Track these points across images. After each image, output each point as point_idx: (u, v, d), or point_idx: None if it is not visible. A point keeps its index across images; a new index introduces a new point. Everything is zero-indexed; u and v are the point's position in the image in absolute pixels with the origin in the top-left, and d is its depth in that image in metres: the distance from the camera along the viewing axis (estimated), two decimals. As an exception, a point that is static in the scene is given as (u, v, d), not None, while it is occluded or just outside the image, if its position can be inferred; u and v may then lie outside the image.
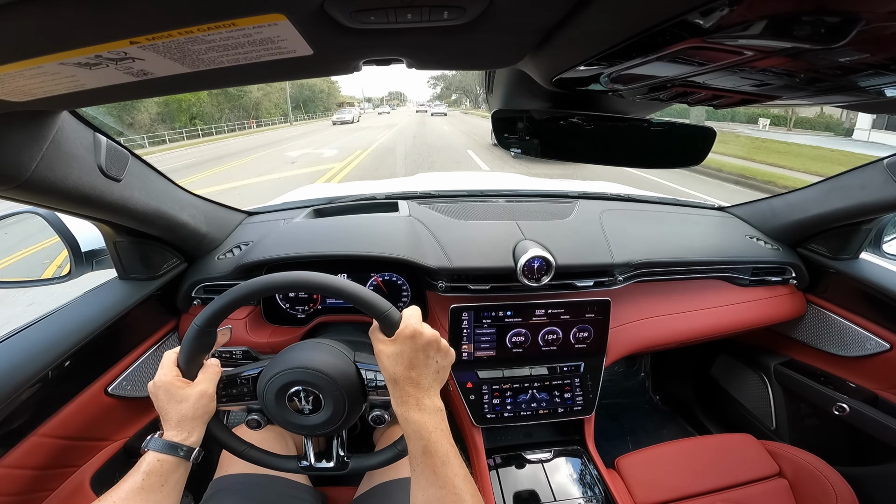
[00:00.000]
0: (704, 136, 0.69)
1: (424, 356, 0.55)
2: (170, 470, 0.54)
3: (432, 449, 0.51)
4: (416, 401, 0.54)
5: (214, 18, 0.29)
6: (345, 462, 0.68)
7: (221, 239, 1.09)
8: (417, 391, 0.54)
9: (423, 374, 0.55)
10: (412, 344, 0.54)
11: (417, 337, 0.55)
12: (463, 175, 2.12)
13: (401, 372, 0.54)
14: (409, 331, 0.55)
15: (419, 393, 0.54)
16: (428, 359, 0.56)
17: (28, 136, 0.52)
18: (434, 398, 0.55)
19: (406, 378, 0.54)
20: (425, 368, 0.55)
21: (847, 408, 1.05)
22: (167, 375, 0.58)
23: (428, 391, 0.55)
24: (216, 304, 0.58)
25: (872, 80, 0.36)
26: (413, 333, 0.55)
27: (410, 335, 0.55)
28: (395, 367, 0.54)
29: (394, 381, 0.55)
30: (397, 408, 0.55)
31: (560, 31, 0.38)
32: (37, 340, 0.74)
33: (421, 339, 0.55)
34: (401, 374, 0.54)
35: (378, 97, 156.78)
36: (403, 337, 0.55)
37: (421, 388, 0.55)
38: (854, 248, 1.10)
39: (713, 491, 0.97)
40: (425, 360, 0.55)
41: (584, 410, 1.04)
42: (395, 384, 0.55)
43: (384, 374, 0.56)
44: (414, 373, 0.54)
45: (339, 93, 63.04)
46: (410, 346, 0.54)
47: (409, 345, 0.54)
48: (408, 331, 0.55)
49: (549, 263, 0.94)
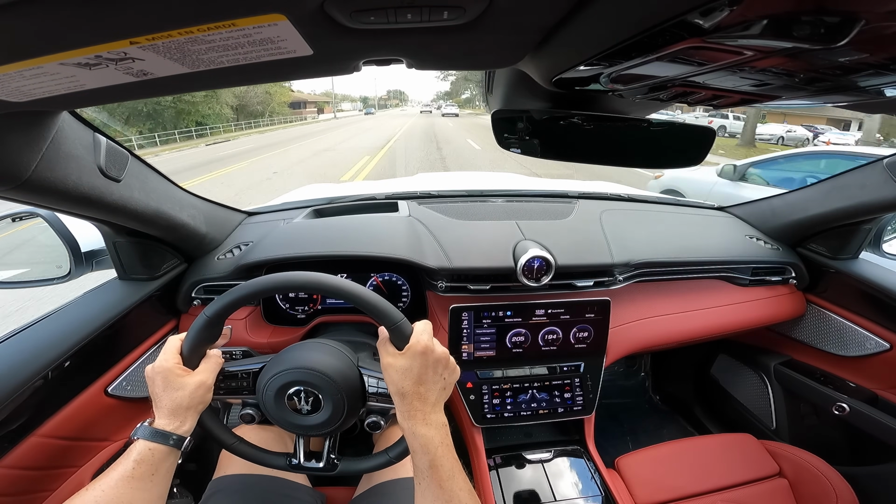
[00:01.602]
0: (704, 136, 0.69)
1: (433, 373, 0.55)
2: (160, 458, 0.53)
3: (438, 463, 0.52)
4: (423, 416, 0.54)
5: (214, 19, 0.29)
6: (334, 464, 0.68)
7: (221, 239, 1.09)
8: (424, 406, 0.54)
9: (430, 389, 0.55)
10: (423, 360, 0.54)
11: (429, 353, 0.55)
12: (463, 175, 2.12)
13: (409, 387, 0.54)
14: (421, 346, 0.55)
15: (426, 408, 0.54)
16: (436, 375, 0.56)
17: (28, 136, 0.52)
18: (440, 413, 0.56)
19: (414, 393, 0.54)
20: (433, 385, 0.55)
21: (847, 407, 1.05)
22: (168, 361, 0.58)
23: (434, 406, 0.55)
24: (231, 296, 0.58)
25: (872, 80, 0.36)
26: (424, 350, 0.55)
27: (422, 351, 0.55)
28: (404, 382, 0.54)
29: (401, 395, 0.55)
30: (404, 421, 0.55)
31: (560, 31, 0.38)
32: (37, 340, 0.74)
33: (432, 355, 0.55)
34: (409, 388, 0.54)
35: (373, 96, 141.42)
36: (414, 352, 0.55)
37: (428, 403, 0.55)
38: (854, 248, 1.10)
39: (713, 491, 0.97)
40: (434, 377, 0.55)
41: (584, 410, 1.04)
42: (402, 398, 0.55)
43: (391, 387, 0.56)
44: (422, 388, 0.55)
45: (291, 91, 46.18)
46: (420, 362, 0.54)
47: (420, 361, 0.54)
48: (419, 346, 0.55)
49: (548, 263, 0.94)
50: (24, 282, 0.94)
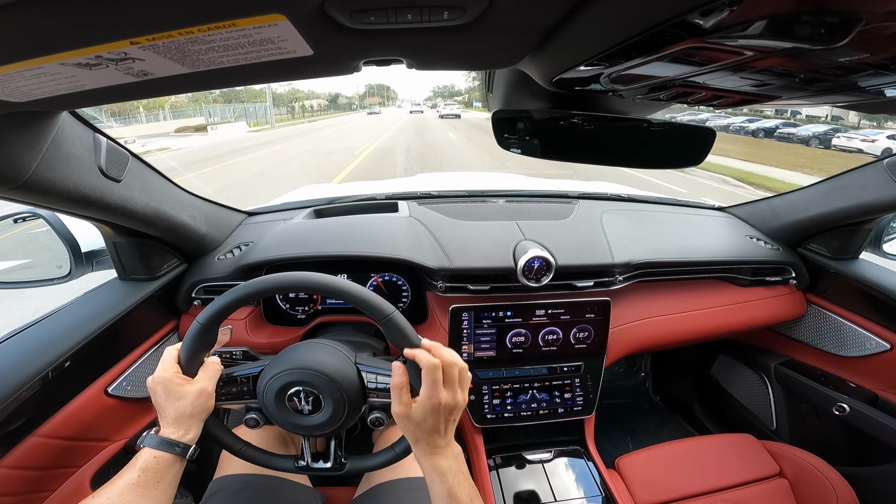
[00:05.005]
0: (704, 137, 0.69)
1: (445, 421, 0.57)
2: (166, 467, 0.54)
3: (456, 491, 0.54)
4: (440, 451, 0.57)
5: (215, 19, 0.29)
6: (342, 463, 0.68)
7: (221, 239, 1.09)
8: (439, 440, 0.57)
9: (445, 430, 0.57)
10: (434, 416, 0.55)
11: (440, 408, 0.55)
12: (463, 175, 2.12)
13: (423, 436, 0.56)
14: (432, 404, 0.55)
15: (441, 442, 0.57)
16: (448, 422, 0.57)
17: (28, 136, 0.52)
18: (454, 445, 0.58)
19: (427, 439, 0.57)
20: (446, 427, 0.57)
21: (847, 408, 1.05)
22: (167, 371, 0.58)
23: (448, 440, 0.58)
24: (222, 301, 0.59)
25: (872, 80, 0.36)
26: (434, 408, 0.55)
27: (432, 409, 0.55)
28: (418, 433, 0.56)
29: (416, 441, 0.57)
30: (422, 458, 0.57)
31: (560, 31, 0.38)
32: (37, 340, 0.74)
33: (443, 409, 0.56)
34: (423, 436, 0.56)
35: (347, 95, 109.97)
36: (426, 411, 0.55)
37: (442, 439, 0.57)
38: (854, 248, 1.10)
39: (713, 491, 0.97)
40: (446, 426, 0.57)
41: (584, 410, 1.04)
42: (416, 443, 0.57)
43: (405, 434, 0.58)
44: (437, 434, 0.56)
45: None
46: (433, 418, 0.55)
47: (432, 417, 0.55)
48: (430, 403, 0.55)
49: (549, 264, 0.94)
50: (25, 282, 0.94)
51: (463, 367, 0.58)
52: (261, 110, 29.54)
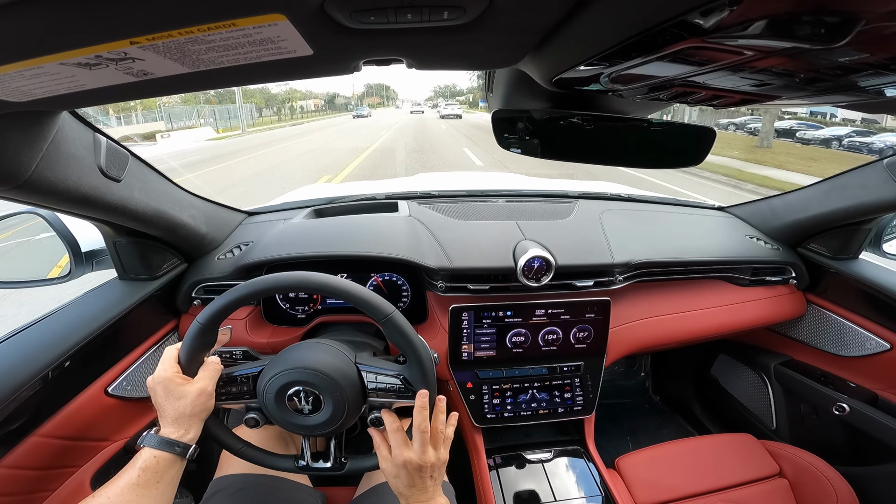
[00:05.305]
0: (704, 137, 0.69)
1: (420, 478, 0.60)
2: (166, 467, 0.54)
3: None
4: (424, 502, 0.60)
5: (214, 19, 0.29)
6: (342, 463, 0.68)
7: (221, 239, 1.09)
8: (419, 495, 0.60)
9: (422, 486, 0.60)
10: (406, 473, 0.60)
11: (407, 466, 0.60)
12: (463, 175, 2.13)
13: (403, 489, 0.60)
14: (400, 461, 0.60)
15: (421, 497, 0.60)
16: (423, 480, 0.60)
17: (28, 136, 0.52)
18: (439, 497, 0.62)
19: (409, 494, 0.60)
20: (422, 483, 0.60)
21: (847, 408, 1.05)
22: (167, 371, 0.58)
23: (430, 495, 0.61)
24: (222, 301, 0.59)
25: (872, 80, 0.36)
26: (403, 464, 0.60)
27: (403, 465, 0.60)
28: (397, 483, 0.61)
29: (400, 494, 0.61)
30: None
31: (560, 31, 0.38)
32: (37, 340, 0.74)
33: (412, 467, 0.60)
34: (404, 490, 0.60)
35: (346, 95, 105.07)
36: (397, 466, 0.60)
37: (422, 493, 0.60)
38: (854, 248, 1.10)
39: (713, 491, 0.97)
40: (422, 482, 0.60)
41: (584, 410, 1.04)
42: (402, 496, 0.61)
43: (391, 485, 0.62)
44: (414, 488, 0.60)
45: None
46: (406, 472, 0.60)
47: (404, 473, 0.60)
48: (397, 462, 0.60)
49: (549, 263, 0.94)
50: (25, 282, 0.94)
51: (437, 430, 0.62)
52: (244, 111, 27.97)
